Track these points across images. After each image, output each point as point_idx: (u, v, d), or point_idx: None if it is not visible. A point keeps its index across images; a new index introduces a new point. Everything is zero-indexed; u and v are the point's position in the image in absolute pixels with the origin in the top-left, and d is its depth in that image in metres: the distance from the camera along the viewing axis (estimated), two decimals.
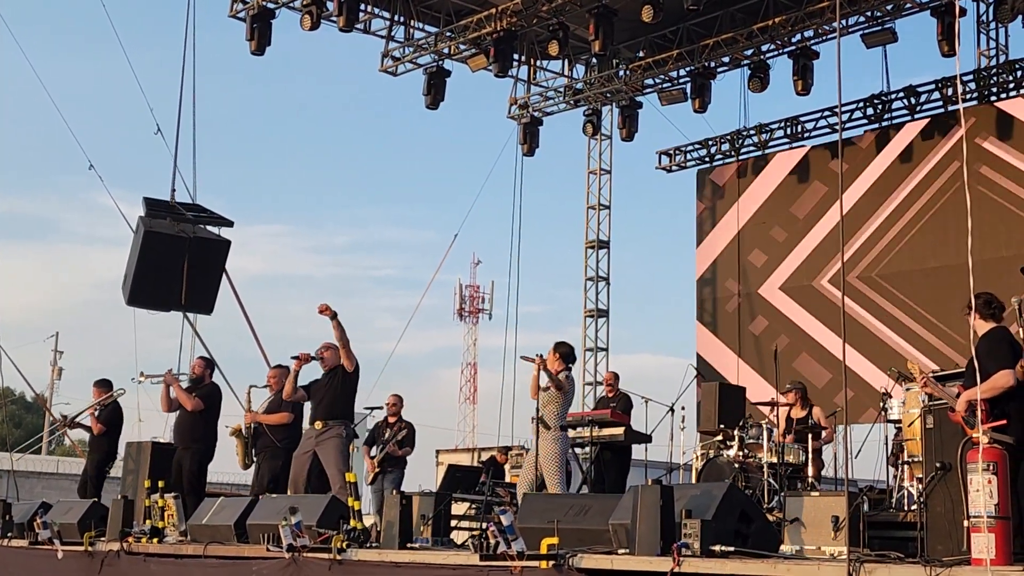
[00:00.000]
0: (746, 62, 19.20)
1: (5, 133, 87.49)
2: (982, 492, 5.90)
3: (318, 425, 10.32)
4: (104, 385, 13.18)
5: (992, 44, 18.01)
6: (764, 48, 18.79)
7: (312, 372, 10.67)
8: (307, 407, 10.95)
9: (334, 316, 10.08)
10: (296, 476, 10.46)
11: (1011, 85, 17.28)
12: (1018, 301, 6.84)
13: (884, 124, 18.52)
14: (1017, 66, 17.29)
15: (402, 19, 19.34)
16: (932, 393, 7.36)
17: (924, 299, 17.27)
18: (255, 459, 11.43)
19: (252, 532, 9.67)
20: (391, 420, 13.22)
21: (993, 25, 17.87)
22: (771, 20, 17.75)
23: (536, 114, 21.48)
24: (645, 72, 20.03)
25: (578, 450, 14.02)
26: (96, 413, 13.09)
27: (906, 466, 9.56)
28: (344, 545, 8.62)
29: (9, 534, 12.75)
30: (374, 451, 13.22)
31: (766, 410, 12.17)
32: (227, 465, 11.72)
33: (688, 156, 21.31)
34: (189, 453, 11.59)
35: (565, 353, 10.48)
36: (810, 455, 11.29)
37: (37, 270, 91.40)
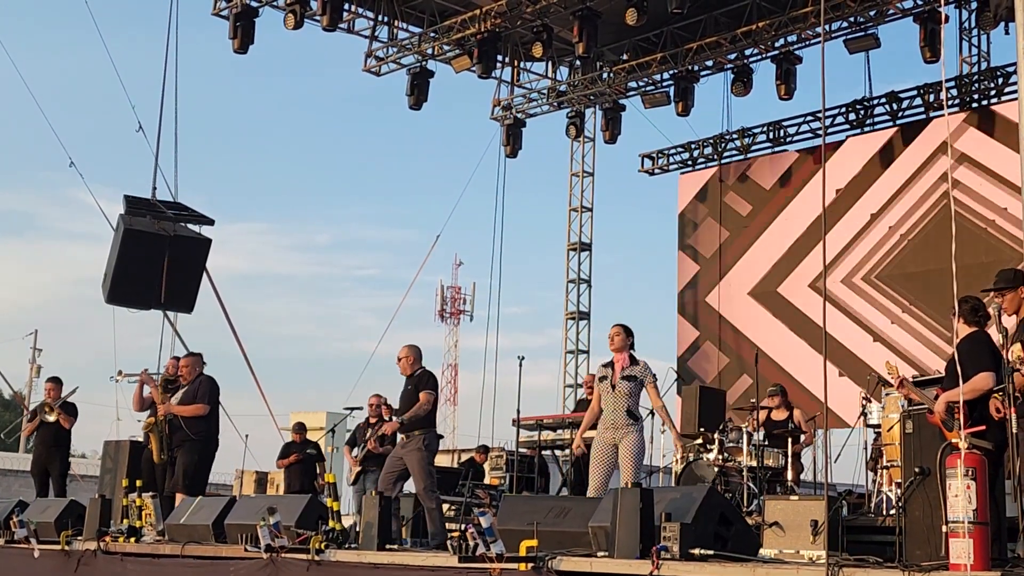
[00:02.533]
0: (729, 66, 19.25)
1: None
2: (961, 497, 5.91)
3: (401, 438, 10.14)
4: (59, 382, 13.22)
5: (974, 51, 18.12)
6: (747, 52, 18.84)
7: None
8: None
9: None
10: (383, 481, 10.35)
11: (992, 91, 17.36)
12: (996, 307, 6.87)
13: (866, 129, 18.59)
14: (999, 72, 17.37)
15: (386, 19, 19.30)
16: (910, 396, 7.38)
17: (906, 304, 17.33)
18: (171, 453, 11.23)
19: (230, 532, 9.63)
20: (372, 421, 13.12)
21: (975, 32, 17.96)
22: (755, 24, 17.79)
23: (519, 116, 21.48)
24: (628, 75, 20.05)
25: (558, 452, 14.03)
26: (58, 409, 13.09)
27: (885, 470, 9.58)
28: (322, 546, 8.59)
29: None
30: (356, 451, 13.14)
31: (745, 413, 12.18)
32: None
33: (671, 159, 21.33)
34: None
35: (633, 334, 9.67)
36: (790, 459, 11.31)
37: (16, 266, 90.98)
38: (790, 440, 11.48)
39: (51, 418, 12.96)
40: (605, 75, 20.57)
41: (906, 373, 8.21)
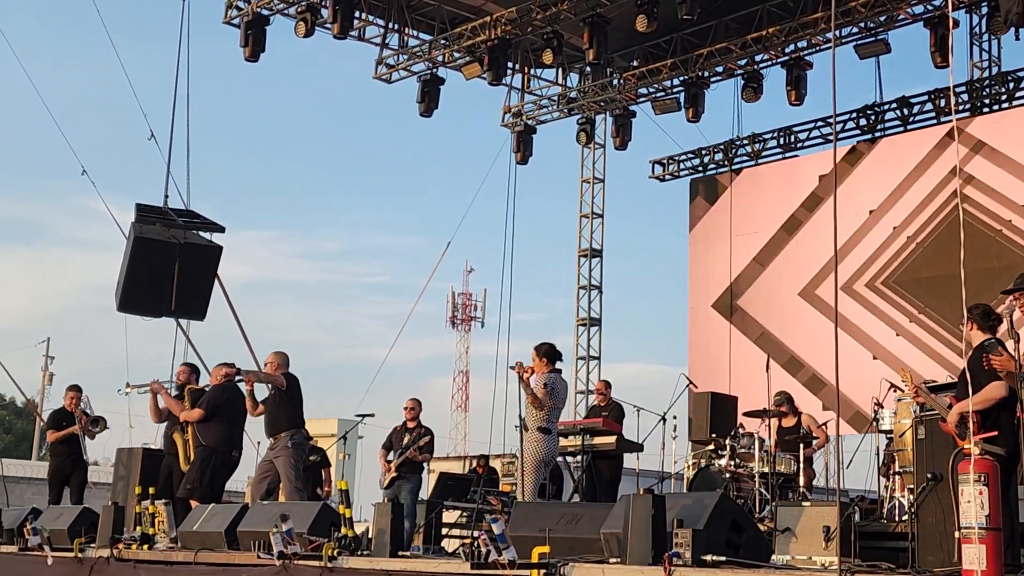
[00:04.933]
0: (740, 72, 19.25)
1: None
2: (973, 503, 5.90)
3: (270, 441, 10.76)
4: (79, 390, 13.46)
5: (985, 56, 18.08)
6: (758, 58, 18.84)
7: None
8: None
9: None
10: (255, 490, 10.95)
11: (1003, 96, 17.34)
12: (1009, 312, 6.87)
13: (877, 135, 18.57)
14: (1009, 78, 17.35)
15: (396, 26, 19.34)
16: (923, 403, 7.37)
17: (915, 309, 17.30)
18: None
19: (243, 539, 9.65)
20: (410, 425, 12.92)
21: (986, 37, 17.94)
22: (765, 30, 17.80)
23: (530, 122, 21.49)
24: (639, 81, 20.06)
25: (569, 459, 14.02)
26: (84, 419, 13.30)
27: (897, 476, 9.57)
28: (335, 552, 8.61)
29: None
30: (391, 455, 12.91)
31: (757, 420, 12.16)
32: None
33: (681, 165, 21.34)
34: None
35: (548, 353, 9.99)
36: (801, 463, 11.29)
37: (27, 274, 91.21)
38: (801, 446, 11.46)
39: (97, 430, 13.31)
40: (615, 81, 20.59)
41: (919, 380, 8.19)
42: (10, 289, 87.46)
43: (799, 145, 19.74)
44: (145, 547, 10.57)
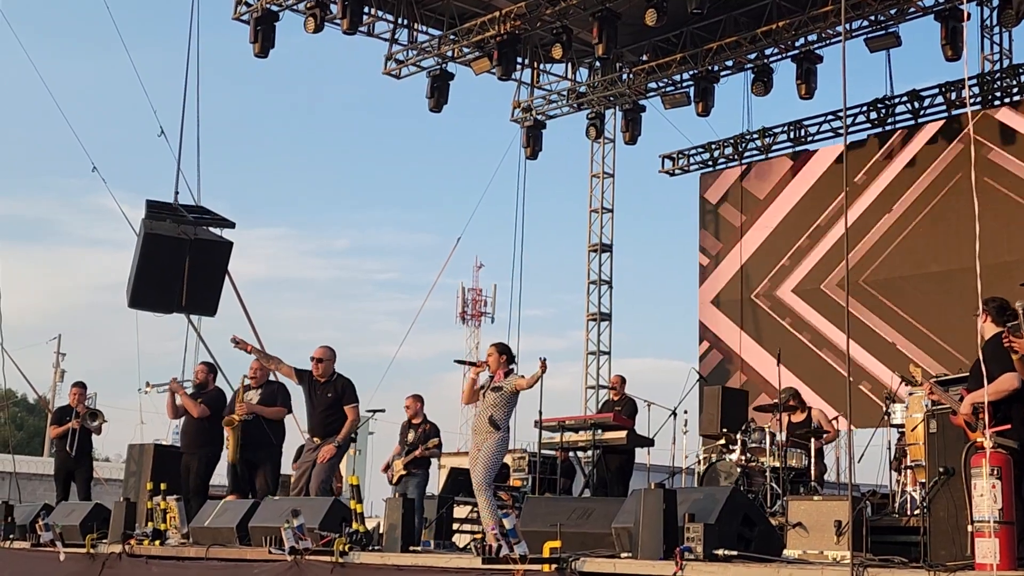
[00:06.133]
0: (749, 66, 19.21)
1: (6, 134, 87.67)
2: (986, 497, 5.89)
3: (315, 440, 10.55)
4: (84, 387, 13.58)
5: (996, 49, 18.02)
6: (767, 52, 18.80)
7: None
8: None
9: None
10: (296, 486, 10.75)
11: (1015, 90, 17.26)
12: (1021, 306, 6.84)
13: (887, 128, 18.51)
14: (1020, 71, 17.28)
15: (406, 22, 19.33)
16: (935, 398, 7.35)
17: (926, 303, 17.25)
18: (244, 454, 11.13)
19: (254, 535, 9.67)
20: (415, 421, 12.88)
21: (997, 30, 17.87)
22: (775, 24, 17.75)
23: (539, 117, 21.47)
24: (648, 75, 20.03)
25: (580, 454, 14.01)
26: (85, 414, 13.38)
27: (909, 471, 9.55)
28: (346, 548, 8.62)
29: (11, 536, 12.76)
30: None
31: (767, 415, 12.14)
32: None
33: (691, 160, 21.31)
34: (197, 458, 11.54)
35: (510, 352, 9.89)
36: (812, 457, 11.27)
37: (39, 272, 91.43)
38: (812, 440, 11.43)
39: (95, 424, 13.34)
40: (625, 76, 20.55)
41: (930, 374, 8.19)
42: (21, 287, 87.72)
43: (809, 139, 19.70)
44: (157, 543, 10.60)
